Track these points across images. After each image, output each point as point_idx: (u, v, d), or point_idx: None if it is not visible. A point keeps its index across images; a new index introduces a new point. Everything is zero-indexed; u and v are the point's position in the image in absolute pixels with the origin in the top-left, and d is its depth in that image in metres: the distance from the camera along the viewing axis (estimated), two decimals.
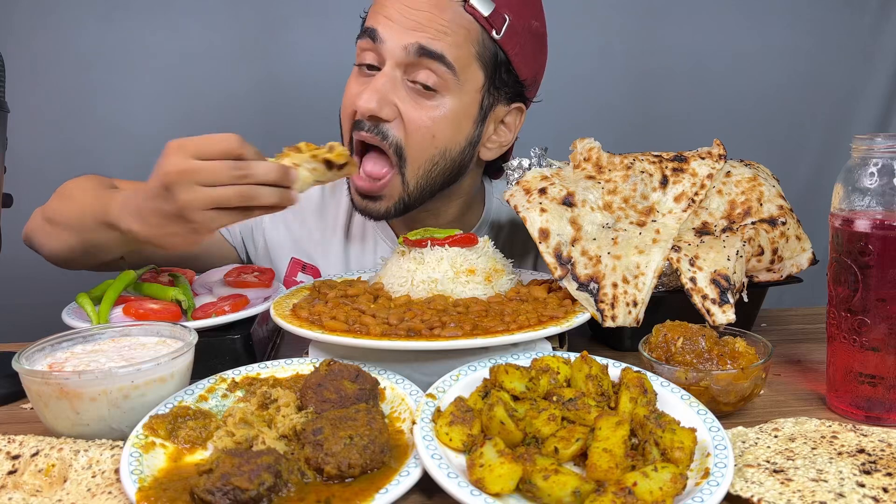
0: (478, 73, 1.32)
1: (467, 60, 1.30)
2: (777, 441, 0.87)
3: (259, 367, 1.03)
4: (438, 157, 1.34)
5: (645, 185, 1.26)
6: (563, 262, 1.16)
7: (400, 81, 1.30)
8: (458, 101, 1.31)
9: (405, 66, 1.28)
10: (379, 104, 1.27)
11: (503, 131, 1.43)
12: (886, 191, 0.93)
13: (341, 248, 1.57)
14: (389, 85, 1.28)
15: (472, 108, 1.34)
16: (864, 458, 0.82)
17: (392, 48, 1.27)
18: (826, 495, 0.75)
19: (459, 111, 1.32)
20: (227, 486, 0.72)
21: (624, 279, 1.14)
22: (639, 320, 1.13)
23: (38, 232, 1.41)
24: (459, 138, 1.35)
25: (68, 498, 0.78)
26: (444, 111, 1.31)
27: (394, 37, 1.27)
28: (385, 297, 1.15)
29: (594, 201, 1.24)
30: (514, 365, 0.93)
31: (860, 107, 2.61)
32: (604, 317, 1.12)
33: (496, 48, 1.32)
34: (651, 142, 1.49)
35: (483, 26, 1.29)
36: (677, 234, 1.21)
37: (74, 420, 0.89)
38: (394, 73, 1.29)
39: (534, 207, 1.20)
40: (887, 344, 0.94)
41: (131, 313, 1.15)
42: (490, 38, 1.30)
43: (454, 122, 1.32)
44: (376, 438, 0.80)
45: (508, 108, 1.41)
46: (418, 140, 1.30)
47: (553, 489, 0.72)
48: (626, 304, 1.13)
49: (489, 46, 1.31)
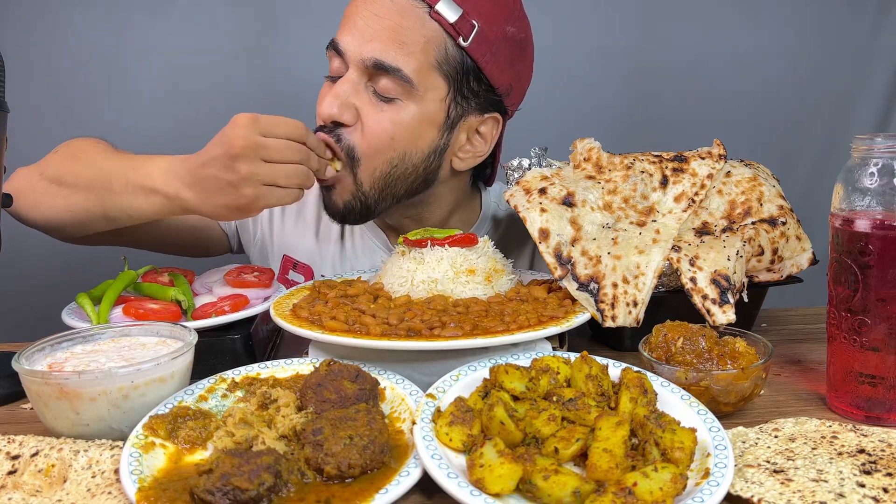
0: (439, 82, 1.29)
1: (426, 71, 1.28)
2: (777, 441, 0.87)
3: (259, 367, 1.03)
4: (398, 161, 1.32)
5: (645, 185, 1.26)
6: (563, 262, 1.16)
7: (363, 87, 1.29)
8: (421, 108, 1.30)
9: (369, 75, 1.29)
10: (340, 109, 1.28)
11: (478, 141, 1.40)
12: (886, 191, 0.93)
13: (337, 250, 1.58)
14: (351, 90, 1.29)
15: (436, 116, 1.32)
16: (864, 459, 0.82)
17: (353, 58, 1.28)
18: (826, 495, 0.75)
19: (421, 118, 1.30)
20: (227, 486, 0.72)
21: (624, 279, 1.14)
22: (639, 320, 1.13)
23: (31, 192, 1.35)
24: (422, 145, 1.33)
25: (68, 498, 0.78)
26: (405, 116, 1.29)
27: (354, 48, 1.27)
28: (385, 297, 1.15)
29: (594, 201, 1.23)
30: (514, 365, 0.93)
31: (860, 107, 2.61)
32: (604, 317, 1.12)
33: (462, 56, 1.29)
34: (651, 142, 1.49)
35: (449, 33, 1.27)
36: (677, 234, 1.21)
37: (74, 420, 0.89)
38: (357, 78, 1.29)
39: (534, 207, 1.20)
40: (887, 344, 0.93)
41: (131, 313, 1.15)
42: (456, 46, 1.27)
43: (414, 129, 1.31)
44: (376, 438, 0.80)
45: (482, 117, 1.38)
46: (375, 143, 1.30)
47: (553, 489, 0.72)
48: (626, 304, 1.13)
49: (454, 55, 1.28)
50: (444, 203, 1.48)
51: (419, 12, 1.26)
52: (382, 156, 1.31)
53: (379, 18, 1.26)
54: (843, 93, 2.59)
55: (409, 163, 1.33)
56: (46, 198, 1.33)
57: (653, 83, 2.54)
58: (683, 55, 2.51)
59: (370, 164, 1.31)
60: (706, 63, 2.52)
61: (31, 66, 2.21)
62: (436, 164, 1.37)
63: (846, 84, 2.58)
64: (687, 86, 2.53)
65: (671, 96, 2.53)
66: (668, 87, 2.54)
